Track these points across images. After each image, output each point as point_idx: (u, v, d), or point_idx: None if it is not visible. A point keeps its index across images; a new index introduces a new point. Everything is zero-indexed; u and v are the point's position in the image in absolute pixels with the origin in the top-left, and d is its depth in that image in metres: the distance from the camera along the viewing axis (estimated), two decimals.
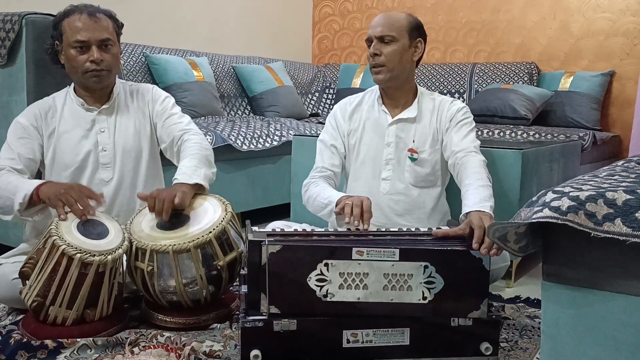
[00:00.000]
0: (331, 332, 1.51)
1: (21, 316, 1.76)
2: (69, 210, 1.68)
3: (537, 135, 3.44)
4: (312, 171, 2.02)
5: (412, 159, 1.95)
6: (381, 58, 1.88)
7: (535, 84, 4.15)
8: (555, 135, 3.43)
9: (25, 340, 1.57)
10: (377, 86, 2.03)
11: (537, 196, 1.19)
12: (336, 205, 1.77)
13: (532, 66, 4.21)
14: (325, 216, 1.88)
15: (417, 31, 1.94)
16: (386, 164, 1.97)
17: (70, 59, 1.83)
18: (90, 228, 1.67)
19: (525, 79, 4.15)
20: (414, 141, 1.96)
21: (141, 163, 1.96)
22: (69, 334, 1.59)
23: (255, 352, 1.48)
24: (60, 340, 1.56)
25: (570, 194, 1.12)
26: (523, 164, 2.14)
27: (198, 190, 1.82)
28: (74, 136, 1.89)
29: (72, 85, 1.94)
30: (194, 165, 1.83)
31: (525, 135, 3.47)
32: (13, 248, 1.95)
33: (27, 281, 1.65)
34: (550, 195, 1.15)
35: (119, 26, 1.91)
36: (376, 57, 1.89)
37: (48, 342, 1.54)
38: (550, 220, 1.10)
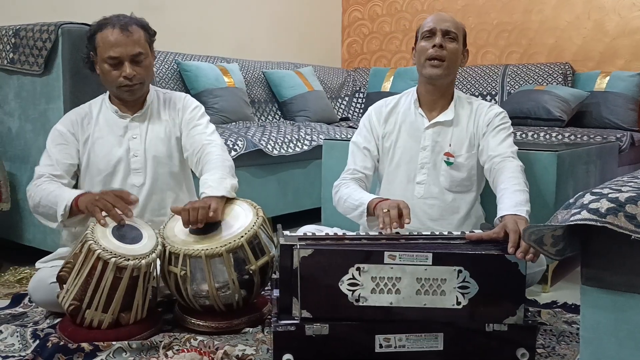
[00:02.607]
0: (364, 337, 1.50)
1: (58, 320, 1.79)
2: (107, 215, 1.71)
3: (572, 137, 3.37)
4: (344, 172, 2.01)
5: (448, 163, 1.92)
6: (444, 52, 1.86)
7: (569, 84, 4.07)
8: (591, 136, 3.35)
9: (62, 343, 1.59)
10: (414, 89, 2.02)
11: (575, 198, 1.17)
12: (368, 210, 1.77)
13: (567, 67, 4.13)
14: (355, 218, 1.86)
15: (465, 40, 1.96)
16: (421, 168, 1.95)
17: (105, 73, 1.87)
18: (125, 233, 1.69)
19: (560, 79, 4.07)
20: (450, 145, 1.93)
21: (172, 168, 1.98)
22: (104, 337, 1.61)
23: (287, 356, 1.47)
24: (96, 343, 1.58)
25: (609, 195, 1.09)
26: (558, 166, 2.09)
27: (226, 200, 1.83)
28: (107, 142, 1.93)
29: (108, 93, 1.98)
30: (218, 177, 1.84)
31: (560, 137, 3.40)
32: (51, 253, 2.00)
33: (64, 285, 1.69)
34: (588, 197, 1.12)
35: (151, 35, 1.93)
36: (441, 49, 1.86)
37: (84, 345, 1.57)
38: (589, 222, 1.08)
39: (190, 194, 2.05)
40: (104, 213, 1.70)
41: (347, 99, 4.67)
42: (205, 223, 1.73)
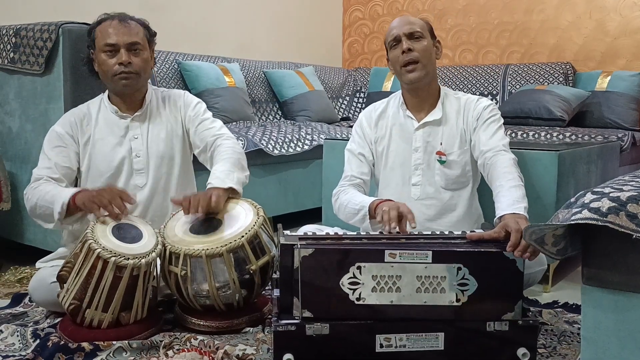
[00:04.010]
0: (364, 337, 1.50)
1: (59, 319, 1.79)
2: (106, 214, 1.71)
3: (573, 137, 3.37)
4: (342, 180, 2.01)
5: (441, 162, 1.92)
6: (415, 53, 1.87)
7: (571, 84, 4.06)
8: (592, 136, 3.35)
9: (62, 342, 1.59)
10: (399, 92, 2.02)
11: (576, 197, 1.16)
12: (370, 212, 1.77)
13: (568, 66, 4.13)
14: (357, 222, 1.86)
15: (432, 33, 1.96)
16: (415, 169, 1.94)
17: (101, 63, 1.87)
18: (125, 232, 1.69)
19: (561, 79, 4.07)
20: (441, 144, 1.93)
21: (174, 168, 1.98)
22: (105, 336, 1.61)
23: (288, 356, 1.47)
24: (96, 342, 1.58)
25: (611, 194, 1.09)
26: (559, 166, 2.09)
27: (231, 194, 1.83)
28: (108, 143, 1.92)
29: (106, 92, 1.98)
30: (227, 169, 1.84)
31: (561, 136, 3.39)
32: (51, 252, 1.99)
33: (64, 284, 1.68)
34: (589, 196, 1.12)
35: (151, 34, 1.94)
36: (410, 52, 1.86)
37: (85, 344, 1.57)
38: (590, 221, 1.07)
39: (191, 192, 2.05)
40: (102, 210, 1.70)
41: (347, 98, 4.67)
42: (205, 217, 1.74)
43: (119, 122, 1.94)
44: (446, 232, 1.69)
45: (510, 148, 1.90)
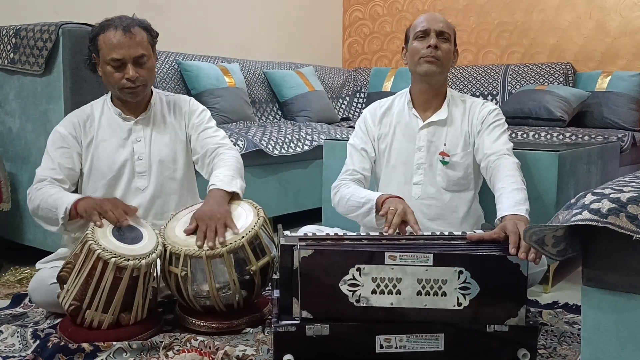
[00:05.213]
0: (364, 337, 1.50)
1: (59, 320, 1.79)
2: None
3: (573, 137, 3.36)
4: (342, 174, 2.00)
5: (444, 163, 1.92)
6: (439, 52, 1.87)
7: (571, 84, 4.06)
8: (592, 136, 3.35)
9: (62, 343, 1.59)
10: (407, 90, 2.02)
11: (576, 198, 1.16)
12: (376, 206, 1.77)
13: (568, 66, 4.13)
14: (359, 216, 1.86)
15: (455, 40, 1.97)
16: (417, 168, 1.94)
17: (107, 75, 1.85)
18: (125, 233, 1.69)
19: (561, 79, 4.07)
20: (445, 144, 1.93)
21: (176, 172, 1.98)
22: (105, 337, 1.61)
23: (287, 356, 1.47)
24: (96, 343, 1.58)
25: (611, 195, 1.09)
26: (559, 166, 2.09)
27: (232, 198, 1.83)
28: (111, 145, 1.92)
29: (110, 93, 1.97)
30: (230, 174, 1.85)
31: (561, 137, 3.39)
32: (51, 253, 1.99)
33: (64, 285, 1.68)
34: (589, 197, 1.12)
35: (153, 36, 1.92)
36: (437, 49, 1.87)
37: (85, 345, 1.57)
38: (590, 223, 1.07)
39: (193, 198, 2.05)
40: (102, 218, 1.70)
41: (348, 99, 4.67)
42: None
43: (122, 124, 1.93)
44: (446, 233, 1.69)
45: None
